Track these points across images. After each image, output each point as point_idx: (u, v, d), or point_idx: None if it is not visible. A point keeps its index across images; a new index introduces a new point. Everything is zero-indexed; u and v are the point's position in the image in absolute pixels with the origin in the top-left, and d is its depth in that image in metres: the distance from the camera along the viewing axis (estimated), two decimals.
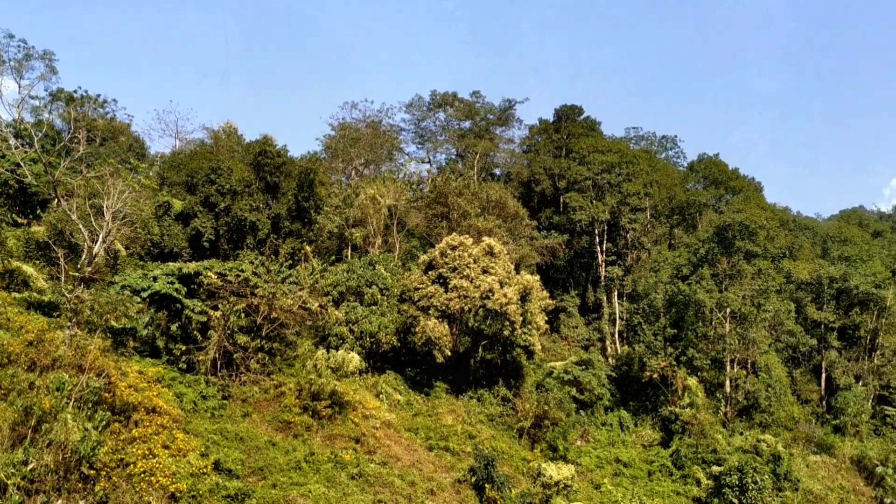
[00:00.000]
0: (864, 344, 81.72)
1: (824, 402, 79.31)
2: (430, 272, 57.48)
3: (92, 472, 30.40)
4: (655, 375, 66.29)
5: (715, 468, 54.45)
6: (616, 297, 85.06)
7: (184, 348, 45.05)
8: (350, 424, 45.60)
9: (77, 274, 38.75)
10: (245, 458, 38.25)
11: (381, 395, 52.48)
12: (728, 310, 68.39)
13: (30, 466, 28.30)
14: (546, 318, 60.92)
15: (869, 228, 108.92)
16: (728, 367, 68.81)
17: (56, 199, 44.65)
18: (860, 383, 79.20)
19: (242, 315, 48.00)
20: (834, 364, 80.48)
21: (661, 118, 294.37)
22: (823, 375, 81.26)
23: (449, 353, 56.01)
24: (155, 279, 44.89)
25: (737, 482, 51.10)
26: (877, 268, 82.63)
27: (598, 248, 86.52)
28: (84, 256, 39.90)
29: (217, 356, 45.58)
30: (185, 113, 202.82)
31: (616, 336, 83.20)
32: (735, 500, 50.87)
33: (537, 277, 60.70)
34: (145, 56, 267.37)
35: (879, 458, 65.00)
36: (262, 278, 49.71)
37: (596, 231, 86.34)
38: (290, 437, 42.64)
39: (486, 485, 43.61)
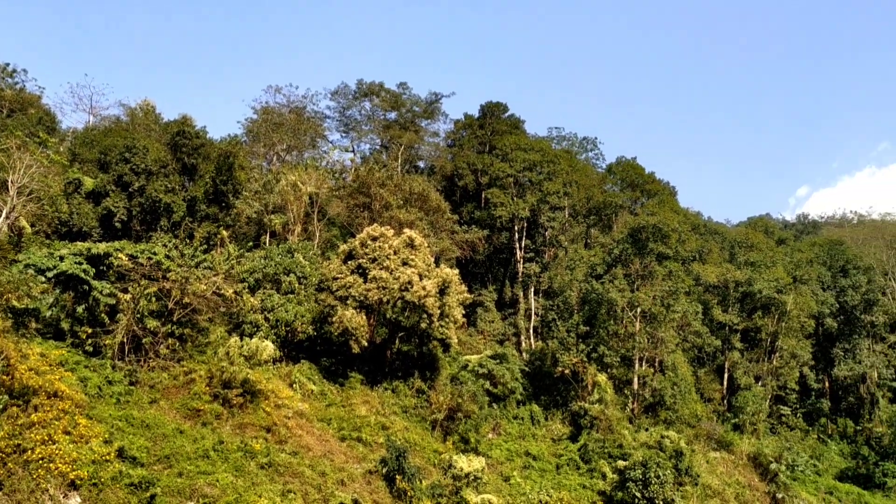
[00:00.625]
0: (765, 346, 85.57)
1: (726, 401, 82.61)
2: (349, 262, 57.17)
3: None
4: (567, 371, 67.74)
5: (620, 462, 56.03)
6: (532, 294, 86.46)
7: (90, 331, 43.54)
8: (262, 413, 45.01)
9: None
10: (151, 445, 37.34)
11: (294, 385, 51.97)
12: (639, 309, 70.46)
13: None
14: (463, 312, 61.43)
15: (774, 236, 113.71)
16: (637, 365, 70.94)
17: None
18: (759, 383, 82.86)
19: (153, 299, 46.72)
20: (736, 364, 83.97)
21: (583, 119, 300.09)
22: (726, 375, 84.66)
23: (365, 344, 55.88)
24: (62, 259, 43.24)
25: (640, 476, 52.69)
26: (779, 274, 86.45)
27: (517, 245, 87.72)
28: None
29: (125, 340, 44.29)
30: (101, 88, 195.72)
31: (531, 331, 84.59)
32: (638, 494, 52.46)
33: (456, 271, 61.13)
34: (58, 26, 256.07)
35: (774, 456, 68.09)
36: (176, 262, 48.49)
37: (516, 228, 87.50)
38: (199, 425, 41.80)
39: (397, 476, 43.78)
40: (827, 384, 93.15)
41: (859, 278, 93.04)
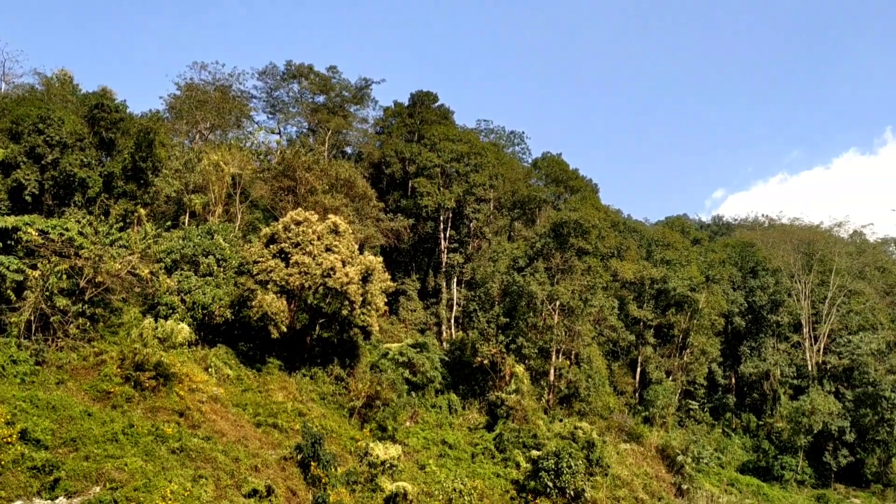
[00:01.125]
0: (677, 342, 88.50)
1: (637, 394, 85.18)
2: (271, 246, 56.43)
3: None
4: (486, 361, 68.59)
5: (534, 452, 57.10)
6: (455, 284, 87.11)
7: None
8: (175, 397, 44.12)
9: None
10: (56, 427, 36.20)
11: (210, 369, 51.07)
12: (558, 302, 71.85)
13: None
14: (386, 300, 61.45)
15: (690, 235, 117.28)
16: (553, 357, 72.40)
17: None
18: (670, 378, 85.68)
19: (64, 277, 45.13)
20: (648, 359, 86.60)
21: (511, 113, 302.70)
22: (638, 369, 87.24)
23: (285, 330, 55.31)
24: None
25: (553, 466, 53.84)
26: (693, 272, 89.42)
27: (442, 235, 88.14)
28: None
29: (32, 319, 42.71)
30: (15, 54, 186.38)
31: (452, 321, 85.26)
32: (550, 484, 53.60)
33: (380, 259, 61.08)
34: None
35: (681, 448, 70.61)
36: (89, 239, 46.95)
37: (441, 218, 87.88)
38: (109, 407, 40.73)
39: (312, 462, 43.61)
40: (733, 380, 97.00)
41: (767, 280, 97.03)
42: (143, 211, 64.04)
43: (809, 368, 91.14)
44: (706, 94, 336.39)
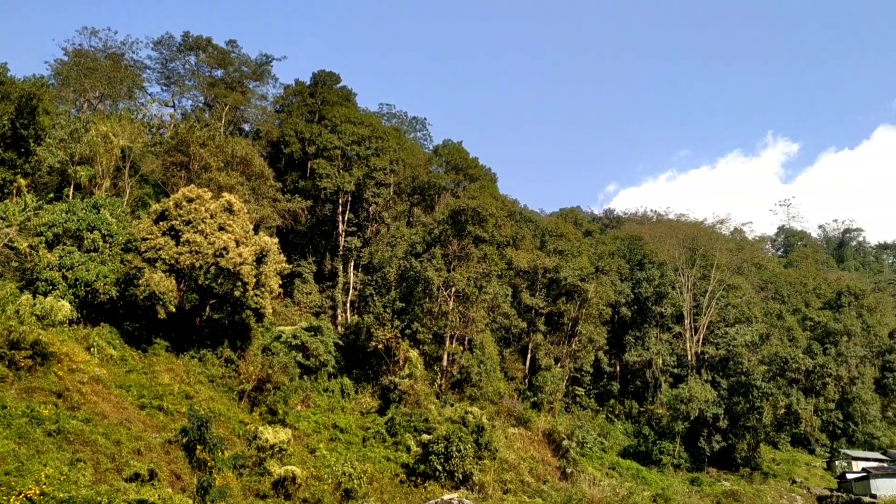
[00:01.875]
0: (566, 330, 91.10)
1: (527, 380, 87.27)
2: (161, 223, 54.58)
3: None
4: (381, 346, 68.68)
5: (425, 436, 57.74)
6: (352, 268, 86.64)
7: None
8: (53, 378, 42.14)
9: None
10: None
11: (92, 349, 49.02)
12: (453, 289, 72.68)
13: None
14: (280, 282, 60.59)
15: (582, 227, 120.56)
16: (447, 343, 73.25)
17: None
18: (559, 365, 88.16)
19: None
20: (539, 346, 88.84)
21: (414, 99, 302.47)
22: (529, 356, 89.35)
23: (173, 310, 53.71)
24: None
25: (443, 450, 54.62)
26: (584, 263, 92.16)
27: (341, 218, 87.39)
28: None
29: None
30: None
31: (348, 305, 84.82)
32: (439, 467, 54.38)
33: (276, 240, 60.09)
34: None
35: (566, 433, 72.90)
36: None
37: (340, 201, 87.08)
38: None
39: (198, 446, 42.62)
40: (618, 368, 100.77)
41: (653, 272, 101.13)
42: (23, 181, 60.58)
43: (689, 358, 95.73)
44: (604, 92, 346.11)
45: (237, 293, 55.31)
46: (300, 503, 45.89)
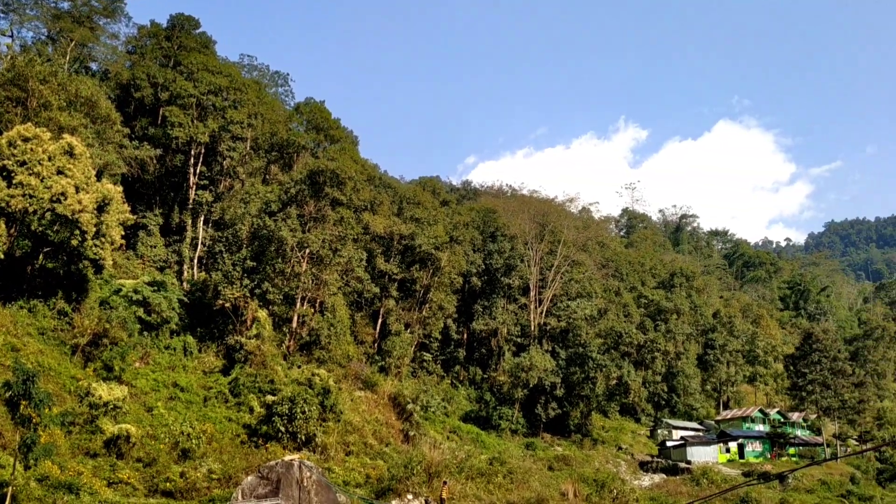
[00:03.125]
0: (418, 297, 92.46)
1: (377, 345, 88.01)
2: None
3: None
4: (228, 304, 67.08)
5: (269, 397, 57.23)
6: (202, 223, 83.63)
7: None
8: None
9: None
10: None
11: None
12: (308, 250, 71.91)
13: None
14: (123, 234, 57.87)
15: (440, 197, 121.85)
16: (298, 304, 72.57)
17: None
18: (408, 331, 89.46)
19: None
20: (390, 311, 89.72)
21: (279, 53, 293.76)
22: (380, 321, 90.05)
23: (2, 257, 50.08)
24: None
25: (287, 411, 54.38)
26: (439, 232, 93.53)
27: (192, 170, 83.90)
28: None
29: None
30: None
31: (196, 261, 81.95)
32: (282, 428, 54.14)
33: (121, 189, 57.17)
34: None
35: (412, 397, 74.25)
36: None
37: (193, 152, 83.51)
38: None
39: (23, 401, 40.16)
40: (465, 336, 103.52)
41: (504, 245, 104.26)
42: None
43: (532, 328, 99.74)
44: (471, 67, 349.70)
45: (74, 242, 52.25)
46: (133, 462, 44.46)
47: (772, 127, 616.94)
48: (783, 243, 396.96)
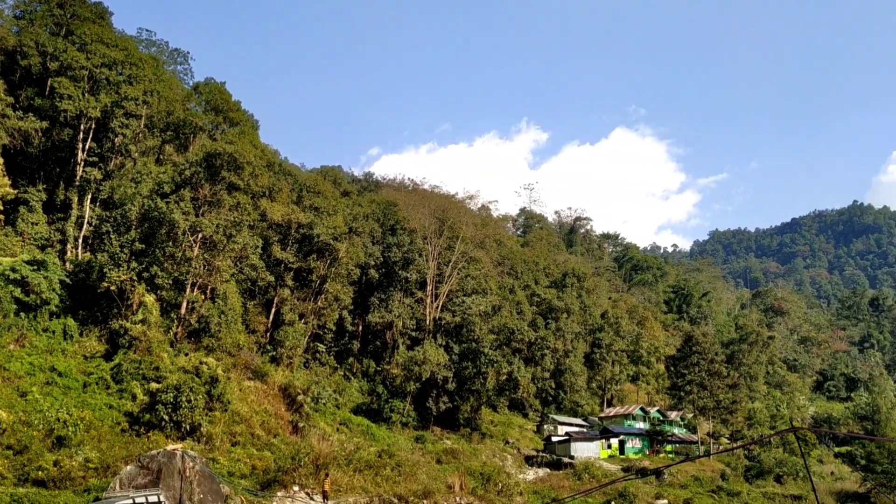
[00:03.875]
0: (314, 287, 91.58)
1: (269, 334, 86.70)
2: None
3: None
4: (114, 287, 64.60)
5: (154, 385, 55.59)
6: (89, 201, 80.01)
7: None
8: None
9: None
10: None
11: None
12: (200, 235, 70.08)
13: None
14: (2, 208, 54.74)
15: (341, 187, 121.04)
16: (188, 290, 70.62)
17: None
18: (303, 321, 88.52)
19: None
20: (285, 301, 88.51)
21: (179, 32, 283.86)
22: (273, 310, 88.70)
23: None
24: None
25: (171, 400, 52.94)
26: (338, 222, 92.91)
27: (81, 146, 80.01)
28: None
29: None
30: None
31: (80, 241, 78.35)
32: (166, 417, 52.70)
33: (1, 161, 54.03)
34: None
35: (303, 388, 73.66)
36: None
37: (82, 127, 79.62)
38: None
39: None
40: (360, 328, 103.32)
41: (404, 238, 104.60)
42: None
43: (427, 322, 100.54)
44: (379, 59, 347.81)
45: None
46: (3, 450, 42.37)
47: (665, 137, 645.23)
48: (670, 249, 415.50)
